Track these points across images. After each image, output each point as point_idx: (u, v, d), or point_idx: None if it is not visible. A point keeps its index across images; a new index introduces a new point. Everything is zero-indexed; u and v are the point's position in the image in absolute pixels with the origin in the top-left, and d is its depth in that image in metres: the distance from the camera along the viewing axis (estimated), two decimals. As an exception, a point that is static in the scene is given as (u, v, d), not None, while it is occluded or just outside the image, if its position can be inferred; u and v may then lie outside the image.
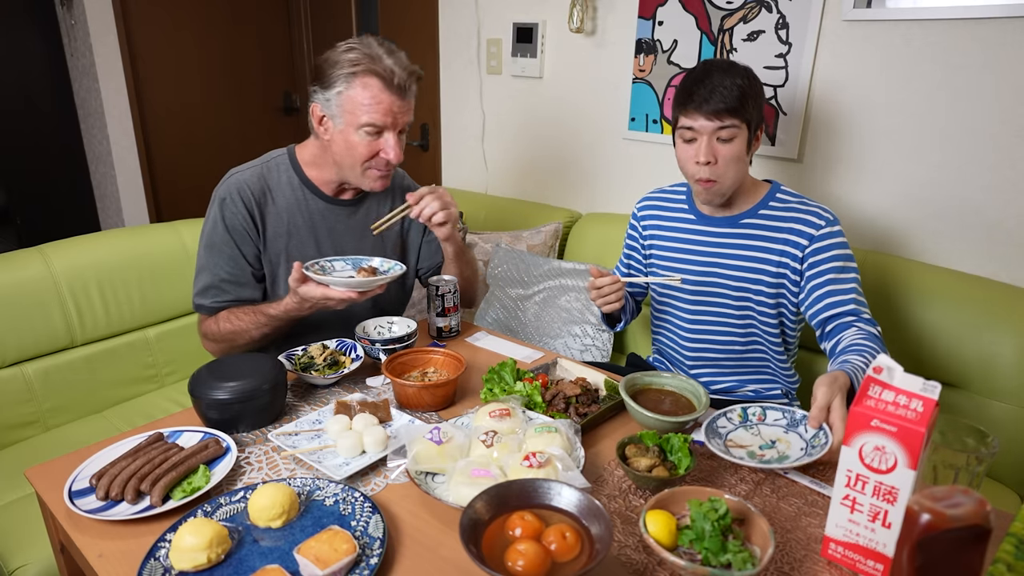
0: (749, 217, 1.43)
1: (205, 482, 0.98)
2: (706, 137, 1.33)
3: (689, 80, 1.35)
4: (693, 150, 1.35)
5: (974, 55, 1.55)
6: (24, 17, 3.22)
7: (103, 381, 1.88)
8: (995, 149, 1.57)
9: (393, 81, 1.30)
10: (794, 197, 1.43)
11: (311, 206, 1.47)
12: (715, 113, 1.30)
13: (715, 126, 1.31)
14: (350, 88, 1.31)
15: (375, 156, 1.36)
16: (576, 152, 2.39)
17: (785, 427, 1.12)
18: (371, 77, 1.30)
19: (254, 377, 1.14)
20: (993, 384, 1.51)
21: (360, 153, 1.35)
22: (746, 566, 0.79)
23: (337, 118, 1.34)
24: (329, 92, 1.33)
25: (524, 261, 2.18)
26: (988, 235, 1.63)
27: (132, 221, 3.14)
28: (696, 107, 1.32)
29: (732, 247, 1.44)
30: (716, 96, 1.30)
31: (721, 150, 1.33)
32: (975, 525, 0.69)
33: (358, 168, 1.38)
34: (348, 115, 1.32)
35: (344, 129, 1.34)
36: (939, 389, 0.79)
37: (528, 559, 0.76)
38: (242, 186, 1.41)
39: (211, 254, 1.42)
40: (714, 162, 1.34)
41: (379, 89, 1.30)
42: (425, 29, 2.76)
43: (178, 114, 3.22)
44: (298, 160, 1.47)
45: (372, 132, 1.33)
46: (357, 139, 1.34)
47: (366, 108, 1.31)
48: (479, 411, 1.12)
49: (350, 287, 1.27)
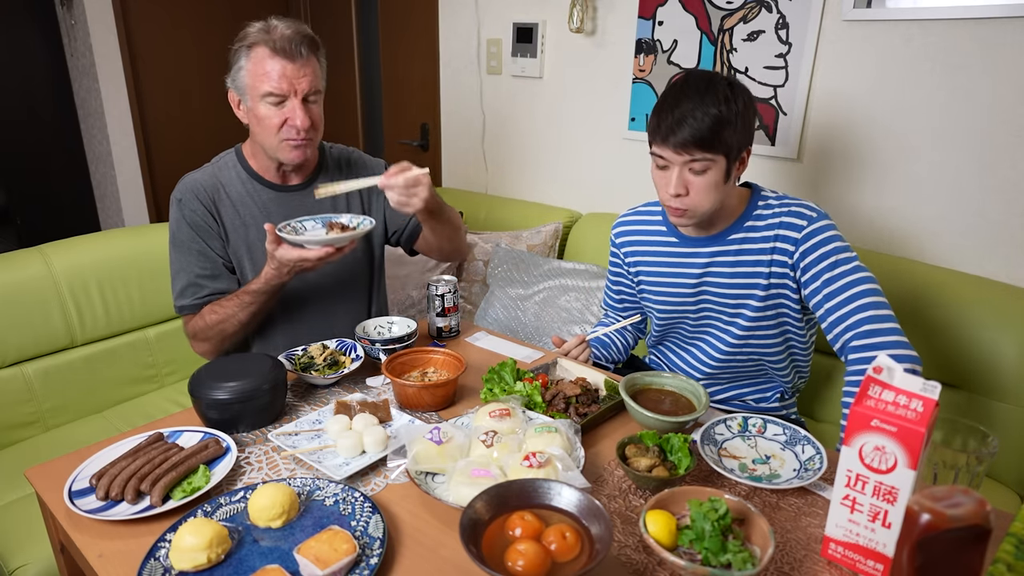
0: (735, 232, 1.34)
1: (205, 482, 0.98)
2: (677, 168, 1.24)
3: (660, 104, 1.25)
4: (665, 178, 1.27)
5: (974, 55, 1.55)
6: (24, 17, 3.22)
7: (103, 381, 1.88)
8: (995, 149, 1.57)
9: (277, 47, 1.33)
10: (776, 200, 1.34)
11: (262, 196, 1.50)
12: (682, 147, 1.21)
13: (684, 160, 1.23)
14: (247, 63, 1.36)
15: (284, 125, 1.37)
16: (576, 152, 2.39)
17: (783, 444, 1.10)
18: (260, 47, 1.34)
19: (254, 377, 1.14)
20: (993, 384, 1.50)
21: (271, 124, 1.37)
22: (746, 566, 0.79)
23: (245, 96, 1.39)
24: (234, 71, 1.39)
25: (524, 261, 2.18)
26: (988, 235, 1.63)
27: (132, 221, 3.14)
28: (663, 138, 1.23)
29: (721, 265, 1.36)
30: (685, 128, 1.19)
31: (694, 182, 1.24)
32: (975, 525, 0.69)
33: (274, 141, 1.39)
34: (251, 90, 1.36)
35: (252, 105, 1.38)
36: (939, 389, 0.79)
37: (528, 559, 0.76)
38: (195, 186, 1.45)
39: (181, 254, 1.45)
40: (685, 193, 1.25)
41: (268, 56, 1.33)
42: (425, 29, 2.76)
43: (178, 114, 3.22)
44: (244, 154, 1.51)
45: (275, 101, 1.35)
46: (264, 111, 1.36)
47: (261, 78, 1.34)
48: (479, 411, 1.12)
49: (324, 244, 1.28)
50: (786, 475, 1.03)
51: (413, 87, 2.94)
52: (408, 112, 3.00)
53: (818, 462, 1.03)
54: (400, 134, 3.06)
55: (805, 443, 1.08)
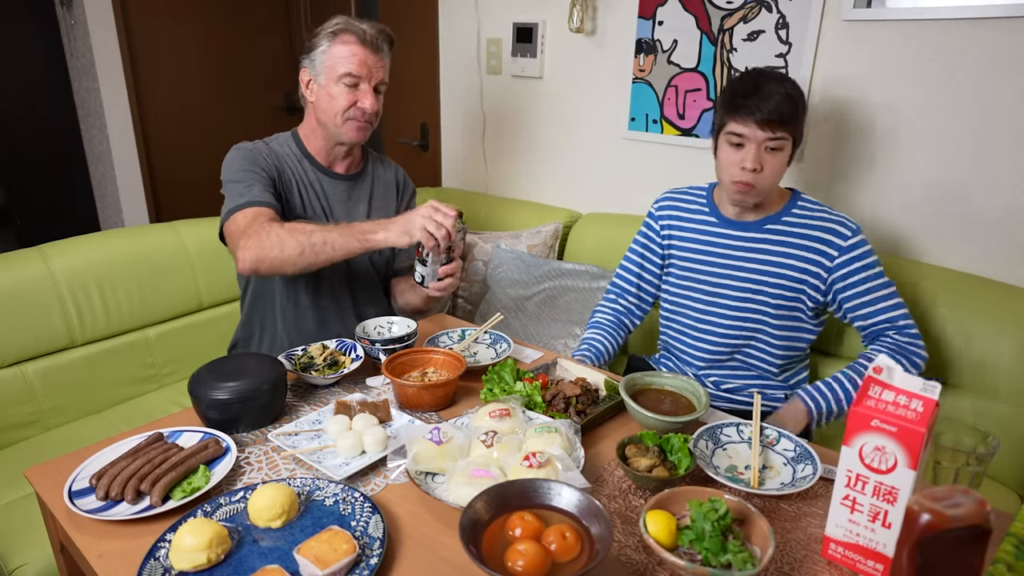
0: (773, 223, 1.45)
1: (205, 482, 0.98)
2: (755, 145, 1.34)
3: (742, 85, 1.36)
4: (740, 155, 1.36)
5: (974, 55, 1.55)
6: (24, 17, 3.22)
7: (103, 381, 1.88)
8: (995, 149, 1.57)
9: (366, 38, 1.48)
10: (816, 205, 1.45)
11: (309, 175, 1.59)
12: (767, 123, 1.32)
13: (766, 136, 1.33)
14: (332, 46, 1.49)
15: (353, 106, 1.50)
16: (576, 152, 2.39)
17: (788, 460, 1.07)
18: (347, 34, 1.48)
19: (254, 377, 1.14)
20: (993, 384, 1.50)
21: (340, 104, 1.49)
22: (746, 566, 0.79)
23: (320, 75, 1.51)
24: (314, 53, 1.51)
25: (524, 261, 2.18)
26: (989, 235, 1.63)
27: (132, 221, 3.14)
28: (749, 114, 1.32)
29: (755, 251, 1.46)
30: (771, 105, 1.31)
31: (768, 159, 1.35)
32: (975, 525, 0.69)
33: (339, 119, 1.51)
34: (329, 70, 1.49)
35: (326, 84, 1.50)
36: (939, 389, 0.79)
37: (528, 559, 0.76)
38: (251, 144, 1.56)
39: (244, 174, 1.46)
40: (760, 170, 1.35)
41: (355, 43, 1.47)
42: (425, 29, 2.76)
43: (178, 114, 3.22)
44: (299, 134, 1.63)
45: (350, 83, 1.48)
46: (337, 91, 1.49)
47: (344, 60, 1.47)
48: (479, 411, 1.12)
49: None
50: (772, 486, 1.01)
51: (413, 87, 2.94)
52: (408, 112, 3.00)
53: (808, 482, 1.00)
54: (400, 134, 3.06)
55: (808, 461, 1.04)
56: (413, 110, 2.98)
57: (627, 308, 1.68)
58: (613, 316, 1.67)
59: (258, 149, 1.53)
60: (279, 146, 1.59)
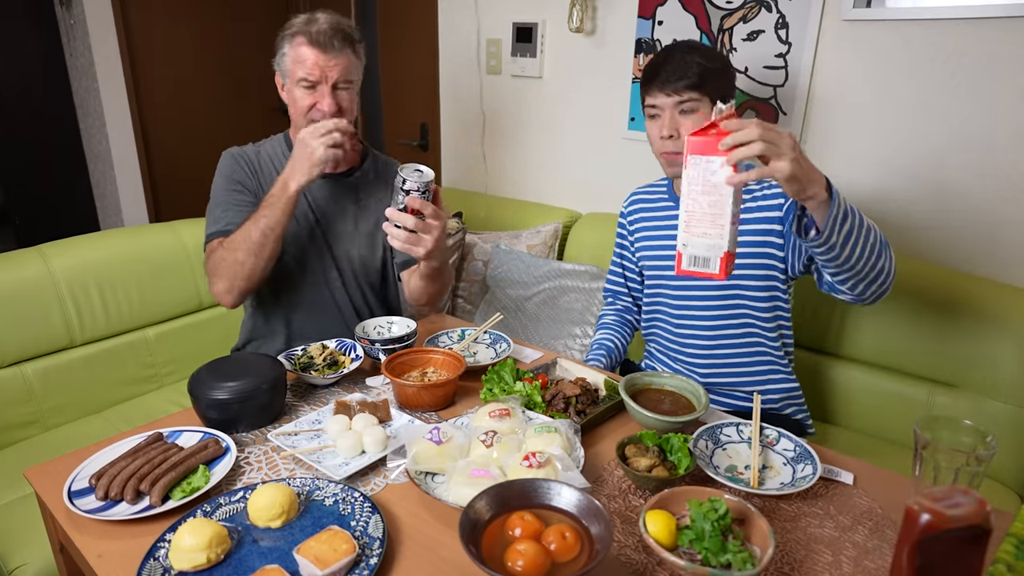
0: None
1: (205, 482, 0.98)
2: (667, 112, 1.38)
3: (653, 61, 1.41)
4: (657, 126, 1.41)
5: (974, 55, 1.55)
6: (23, 16, 3.22)
7: (103, 381, 1.88)
8: (995, 149, 1.57)
9: (316, 38, 1.44)
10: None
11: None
12: (674, 89, 1.36)
13: (674, 101, 1.37)
14: (290, 49, 1.48)
15: (313, 107, 1.48)
16: (576, 152, 2.39)
17: (788, 460, 1.07)
18: (299, 36, 1.46)
19: (253, 377, 1.14)
20: (993, 384, 1.51)
21: (302, 106, 1.48)
22: (746, 566, 0.79)
23: (286, 79, 1.52)
24: (278, 56, 1.51)
25: (524, 261, 2.18)
26: (989, 235, 1.63)
27: (131, 221, 3.14)
28: (658, 84, 1.38)
29: None
30: (675, 73, 1.36)
31: (684, 123, 1.38)
32: (975, 525, 0.69)
33: (303, 121, 1.49)
34: (290, 74, 1.49)
35: (290, 87, 1.51)
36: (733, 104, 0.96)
37: (528, 559, 0.76)
38: (239, 151, 1.59)
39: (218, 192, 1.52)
40: (676, 135, 1.38)
41: (305, 45, 1.45)
42: (425, 29, 2.76)
43: (177, 114, 3.22)
44: (289, 135, 1.63)
45: (307, 86, 1.47)
46: (298, 93, 1.49)
47: (299, 64, 1.46)
48: (479, 411, 1.12)
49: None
50: (772, 486, 1.01)
51: (413, 87, 2.94)
52: (408, 112, 3.00)
53: (807, 482, 0.99)
54: (400, 134, 3.06)
55: (808, 461, 1.04)
56: (413, 110, 2.98)
57: (626, 307, 1.71)
58: (616, 315, 1.70)
59: (243, 155, 1.56)
60: (271, 148, 1.61)
